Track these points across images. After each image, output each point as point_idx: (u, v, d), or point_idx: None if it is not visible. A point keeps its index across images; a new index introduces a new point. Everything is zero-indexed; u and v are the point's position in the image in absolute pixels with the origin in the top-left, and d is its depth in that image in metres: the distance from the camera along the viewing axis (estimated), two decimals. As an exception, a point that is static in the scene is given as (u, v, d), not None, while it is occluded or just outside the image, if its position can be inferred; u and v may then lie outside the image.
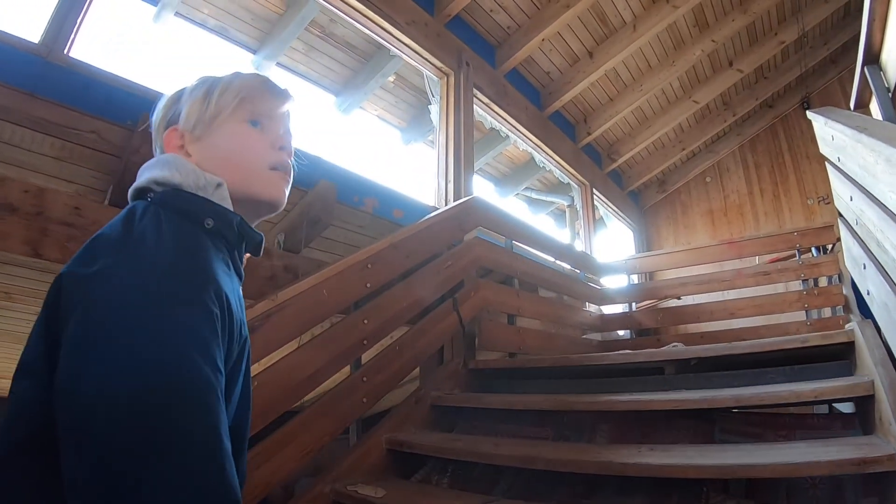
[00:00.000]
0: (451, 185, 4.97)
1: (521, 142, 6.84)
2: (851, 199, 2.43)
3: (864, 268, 2.39)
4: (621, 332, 7.14)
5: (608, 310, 7.16)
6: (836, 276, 5.82)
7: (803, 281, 5.90)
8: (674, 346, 5.59)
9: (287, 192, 1.22)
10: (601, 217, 9.24)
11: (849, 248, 2.85)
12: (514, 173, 9.10)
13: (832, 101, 9.42)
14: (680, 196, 10.54)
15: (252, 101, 1.18)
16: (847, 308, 5.88)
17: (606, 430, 3.12)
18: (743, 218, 9.95)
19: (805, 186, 9.59)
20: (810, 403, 2.47)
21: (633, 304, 6.97)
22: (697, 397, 2.59)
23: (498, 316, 4.91)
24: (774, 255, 6.89)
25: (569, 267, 6.51)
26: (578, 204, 8.19)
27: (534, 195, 9.59)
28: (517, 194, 9.53)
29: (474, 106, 5.81)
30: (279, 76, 6.24)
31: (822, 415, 2.78)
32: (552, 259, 6.11)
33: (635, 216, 10.38)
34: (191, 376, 0.81)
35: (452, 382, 4.03)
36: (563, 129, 7.66)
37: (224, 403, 0.86)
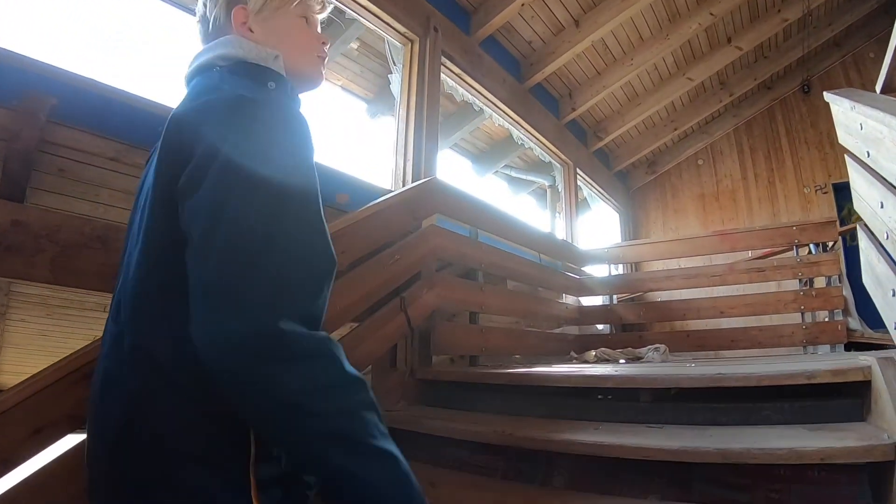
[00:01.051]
0: (410, 165, 4.44)
1: (497, 116, 6.31)
2: (882, 207, 1.92)
3: (894, 294, 1.90)
4: (600, 327, 6.69)
5: (588, 301, 6.71)
6: (837, 276, 5.45)
7: (800, 280, 5.51)
8: (655, 348, 5.17)
9: (324, 74, 1.50)
10: (585, 199, 8.78)
11: (871, 264, 2.36)
12: (493, 150, 8.57)
13: (834, 86, 8.88)
14: (670, 178, 10.12)
15: (307, 2, 1.42)
16: (846, 311, 5.47)
17: (566, 467, 2.64)
18: (736, 204, 9.59)
19: (802, 174, 9.25)
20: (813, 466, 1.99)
21: (615, 296, 6.50)
22: (675, 447, 2.12)
23: (458, 314, 4.43)
24: (766, 249, 6.47)
25: (547, 256, 6.03)
26: (560, 184, 7.69)
27: (514, 174, 9.08)
28: (496, 172, 9.01)
29: (444, 77, 5.29)
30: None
31: (823, 466, 2.31)
32: (528, 248, 5.63)
33: (622, 198, 9.92)
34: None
35: (398, 394, 3.57)
36: (545, 103, 7.12)
37: None
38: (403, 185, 4.32)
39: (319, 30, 1.50)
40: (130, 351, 1.09)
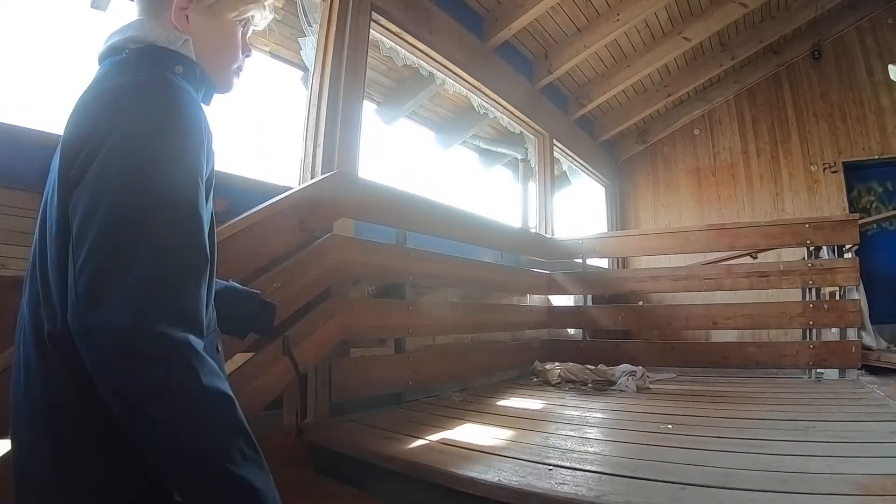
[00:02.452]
0: (321, 152, 3.53)
1: (452, 83, 5.40)
2: None
3: None
4: (572, 331, 5.91)
5: (560, 300, 5.93)
6: (854, 287, 4.73)
7: (809, 290, 4.82)
8: (632, 372, 4.43)
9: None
10: (564, 172, 7.92)
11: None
12: (459, 118, 7.56)
13: (847, 52, 8.30)
14: (663, 149, 9.31)
15: (251, 15, 1.44)
16: (863, 327, 4.74)
17: None
18: (734, 180, 8.84)
19: (809, 149, 8.50)
20: None
21: (588, 295, 5.68)
22: None
23: (375, 343, 3.64)
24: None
25: (508, 250, 5.25)
26: (533, 158, 6.83)
27: (483, 145, 8.15)
28: (464, 143, 8.07)
29: (380, 37, 4.41)
30: None
31: None
32: (482, 245, 4.84)
33: (608, 170, 9.10)
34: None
35: (283, 458, 2.75)
36: (515, 66, 6.22)
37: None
38: (311, 179, 3.43)
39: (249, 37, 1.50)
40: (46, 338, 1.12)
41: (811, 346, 4.65)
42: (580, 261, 5.79)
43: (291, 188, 3.16)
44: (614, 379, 4.40)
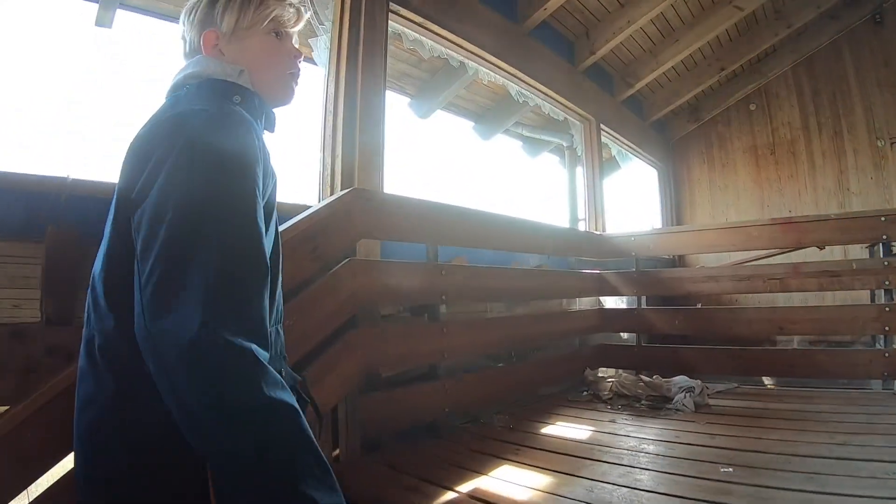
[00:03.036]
0: (339, 164, 3.24)
1: (486, 71, 5.05)
2: None
3: None
4: (626, 335, 5.57)
5: (614, 302, 5.61)
6: None
7: (886, 291, 4.33)
8: (689, 389, 4.08)
9: (296, 92, 1.54)
10: (614, 157, 7.52)
11: None
12: (499, 106, 7.15)
13: None
14: (717, 127, 8.76)
15: (279, 18, 1.47)
16: None
17: None
18: (795, 158, 8.27)
19: (875, 122, 7.87)
20: None
21: (643, 297, 5.32)
22: None
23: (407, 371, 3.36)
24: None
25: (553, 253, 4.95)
26: (579, 146, 6.45)
27: (527, 132, 7.75)
28: (506, 131, 7.69)
29: (401, 28, 4.08)
30: None
31: None
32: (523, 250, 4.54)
33: (660, 152, 8.64)
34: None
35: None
36: (554, 48, 5.82)
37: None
38: (331, 195, 3.13)
39: (296, 41, 1.55)
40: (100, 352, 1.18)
41: (886, 356, 4.18)
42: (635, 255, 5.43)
43: (310, 206, 2.88)
44: (670, 395, 4.06)
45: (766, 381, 5.00)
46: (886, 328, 4.17)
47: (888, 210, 4.88)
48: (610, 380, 4.48)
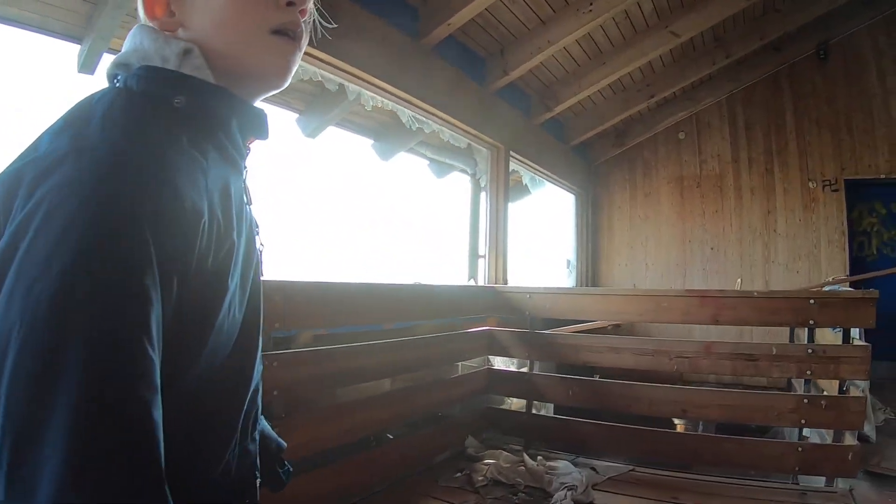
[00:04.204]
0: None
1: (369, 95, 4.38)
2: None
3: None
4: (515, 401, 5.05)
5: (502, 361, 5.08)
6: (864, 382, 3.96)
7: (806, 381, 4.13)
8: (571, 486, 3.57)
9: (295, 63, 0.99)
10: (525, 183, 6.96)
11: None
12: (398, 125, 6.39)
13: (857, 53, 7.53)
14: (643, 153, 8.47)
15: None
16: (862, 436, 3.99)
17: None
18: (722, 193, 8.10)
19: (809, 162, 7.80)
20: None
21: (536, 362, 4.76)
22: None
23: None
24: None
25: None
26: (483, 175, 5.85)
27: (430, 154, 7.04)
28: (411, 149, 6.93)
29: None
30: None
31: None
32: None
33: (580, 177, 8.24)
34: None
35: None
36: (462, 66, 5.20)
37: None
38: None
39: None
40: None
41: (799, 449, 3.82)
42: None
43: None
44: (550, 491, 3.57)
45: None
46: (803, 421, 3.79)
47: (818, 293, 4.46)
48: (488, 462, 3.93)
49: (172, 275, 0.75)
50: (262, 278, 1.04)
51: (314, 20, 1.06)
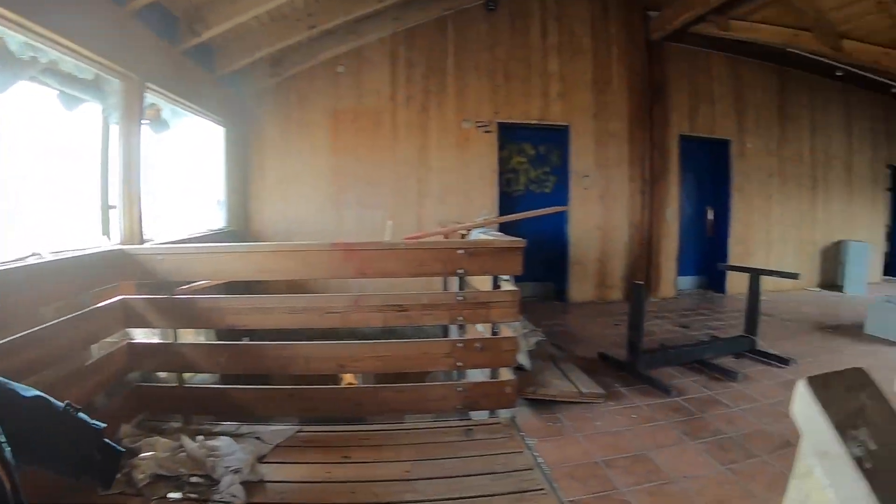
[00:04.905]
0: None
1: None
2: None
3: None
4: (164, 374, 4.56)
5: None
6: (515, 323, 4.03)
7: (459, 326, 4.29)
8: (235, 470, 3.22)
9: None
10: (164, 118, 6.20)
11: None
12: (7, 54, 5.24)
13: (525, 9, 8.43)
14: (298, 84, 8.08)
15: None
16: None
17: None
18: (378, 128, 8.21)
19: (465, 103, 8.30)
20: None
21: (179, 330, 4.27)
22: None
23: None
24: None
25: None
26: (114, 111, 5.06)
27: (56, 85, 5.88)
28: (33, 78, 5.70)
29: None
30: None
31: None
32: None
33: (231, 109, 7.62)
34: None
35: None
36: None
37: None
38: None
39: None
40: None
41: (459, 389, 3.94)
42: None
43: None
44: (216, 477, 3.16)
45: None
46: (459, 363, 3.90)
47: (468, 243, 4.58)
48: (146, 455, 3.40)
49: None
50: None
51: None
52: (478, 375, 4.34)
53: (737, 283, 8.42)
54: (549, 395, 4.94)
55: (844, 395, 0.93)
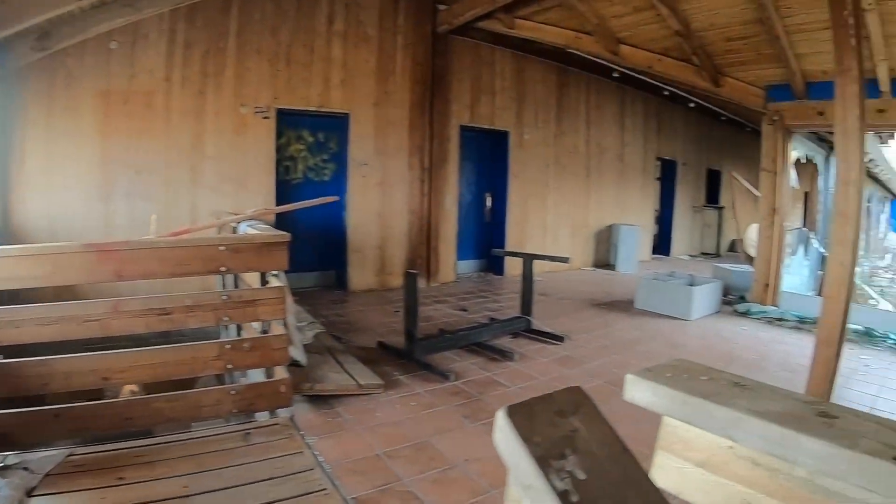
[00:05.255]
0: None
1: None
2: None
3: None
4: None
5: None
6: (282, 321, 4.07)
7: (226, 327, 4.49)
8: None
9: None
10: None
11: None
12: None
13: None
14: (67, 60, 7.45)
15: None
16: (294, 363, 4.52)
17: None
18: (151, 111, 7.85)
19: (244, 89, 8.28)
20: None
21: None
22: None
23: None
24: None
25: None
26: None
27: None
28: None
29: None
30: None
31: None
32: None
33: None
34: None
35: None
36: None
37: None
38: None
39: None
40: None
41: (232, 392, 3.97)
42: None
43: None
44: None
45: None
46: (229, 366, 3.96)
47: (229, 238, 4.63)
48: None
49: None
50: None
51: None
52: (260, 376, 4.48)
53: (515, 266, 8.76)
54: (327, 389, 5.01)
55: (552, 421, 0.92)
